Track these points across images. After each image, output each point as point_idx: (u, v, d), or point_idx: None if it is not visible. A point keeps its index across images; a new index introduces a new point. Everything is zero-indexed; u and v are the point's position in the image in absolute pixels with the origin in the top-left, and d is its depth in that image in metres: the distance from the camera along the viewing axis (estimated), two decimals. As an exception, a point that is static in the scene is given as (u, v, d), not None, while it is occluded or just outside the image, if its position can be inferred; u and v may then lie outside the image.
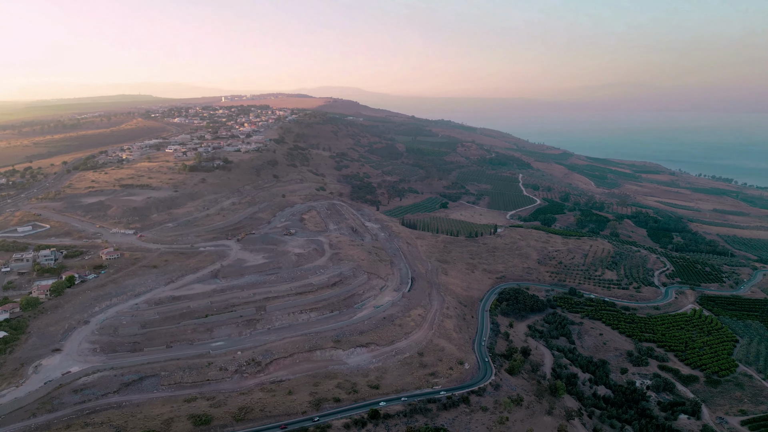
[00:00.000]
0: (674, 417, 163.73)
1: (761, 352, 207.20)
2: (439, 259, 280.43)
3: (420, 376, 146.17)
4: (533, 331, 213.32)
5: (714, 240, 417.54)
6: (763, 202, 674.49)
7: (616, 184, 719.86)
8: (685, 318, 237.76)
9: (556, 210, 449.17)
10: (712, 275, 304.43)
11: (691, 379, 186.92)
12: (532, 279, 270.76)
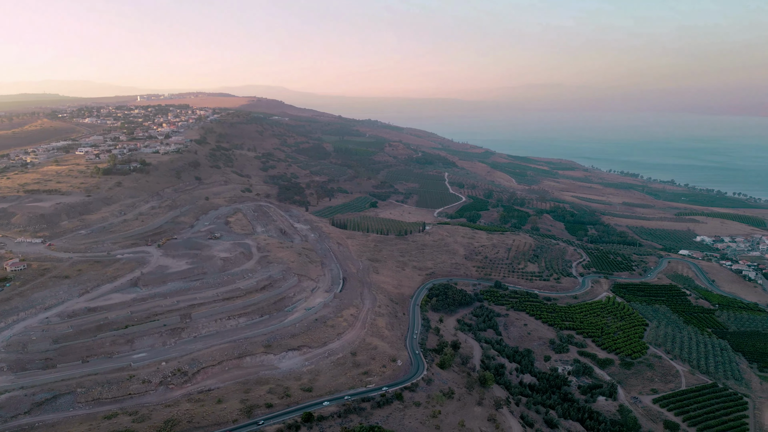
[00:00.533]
0: (593, 399, 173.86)
1: (668, 334, 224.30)
2: (370, 258, 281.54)
3: (353, 375, 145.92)
4: (462, 324, 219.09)
5: (624, 231, 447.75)
6: (665, 195, 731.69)
7: (535, 181, 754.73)
8: (600, 305, 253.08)
9: (480, 207, 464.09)
10: (623, 264, 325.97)
11: (608, 363, 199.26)
12: (460, 274, 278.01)
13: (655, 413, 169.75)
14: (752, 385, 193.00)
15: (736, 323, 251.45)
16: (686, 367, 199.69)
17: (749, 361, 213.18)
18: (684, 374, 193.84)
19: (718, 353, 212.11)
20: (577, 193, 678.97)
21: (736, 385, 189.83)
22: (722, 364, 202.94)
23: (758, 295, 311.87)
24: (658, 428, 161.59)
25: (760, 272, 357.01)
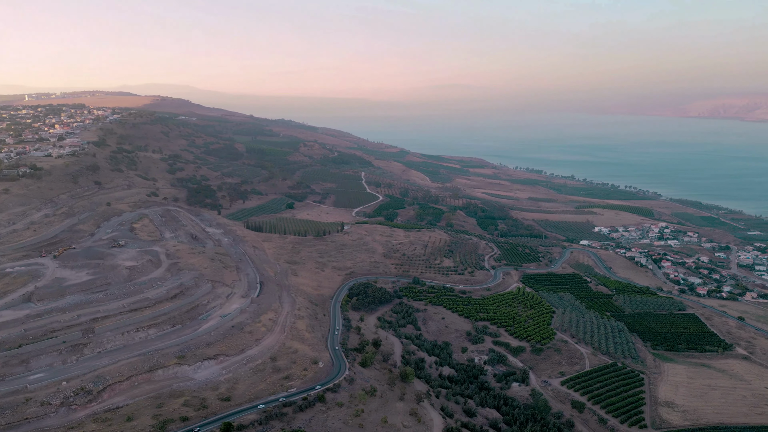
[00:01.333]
0: (508, 386, 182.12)
1: (573, 320, 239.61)
2: (288, 260, 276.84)
3: (274, 381, 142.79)
4: (383, 322, 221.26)
5: (531, 225, 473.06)
6: (567, 190, 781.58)
7: (448, 179, 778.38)
8: (512, 296, 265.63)
9: (397, 205, 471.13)
10: (531, 256, 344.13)
11: (520, 350, 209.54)
12: (380, 272, 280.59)
13: (563, 394, 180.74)
14: (647, 362, 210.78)
15: (632, 306, 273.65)
16: (589, 349, 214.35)
17: (644, 340, 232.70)
18: (588, 356, 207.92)
19: (617, 335, 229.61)
20: (487, 190, 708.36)
21: (633, 363, 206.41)
22: (620, 345, 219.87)
23: (649, 279, 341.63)
24: (566, 408, 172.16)
25: (650, 258, 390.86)
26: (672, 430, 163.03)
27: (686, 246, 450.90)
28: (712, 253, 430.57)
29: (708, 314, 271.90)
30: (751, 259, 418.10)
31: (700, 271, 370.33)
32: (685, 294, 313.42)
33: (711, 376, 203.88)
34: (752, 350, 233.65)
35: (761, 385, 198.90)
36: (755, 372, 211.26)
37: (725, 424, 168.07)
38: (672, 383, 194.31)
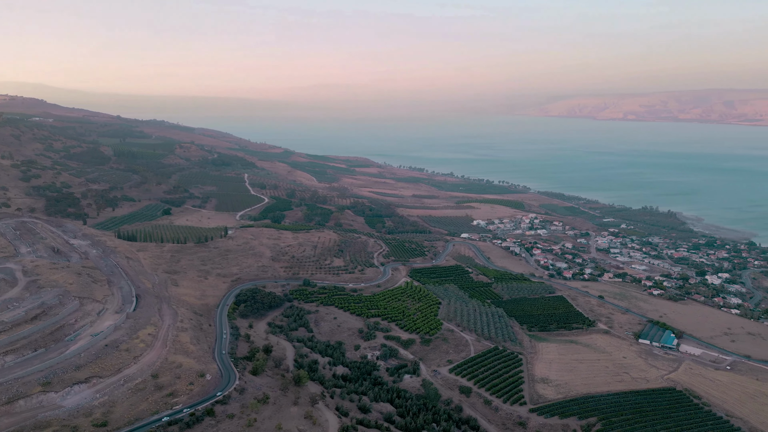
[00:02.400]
0: (400, 378, 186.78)
1: (458, 309, 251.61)
2: (167, 270, 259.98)
3: (157, 399, 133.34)
4: (273, 327, 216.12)
5: (416, 221, 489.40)
6: (447, 186, 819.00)
7: (335, 179, 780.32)
8: (401, 290, 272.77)
9: (284, 207, 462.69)
10: (417, 251, 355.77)
11: (410, 343, 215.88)
12: (268, 276, 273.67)
13: (451, 381, 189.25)
14: (524, 343, 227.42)
15: (509, 292, 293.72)
16: (473, 336, 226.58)
17: (520, 323, 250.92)
18: (472, 343, 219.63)
19: (497, 320, 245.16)
20: (373, 189, 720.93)
21: (512, 346, 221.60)
22: (501, 330, 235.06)
23: (523, 267, 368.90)
24: (455, 394, 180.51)
25: (522, 247, 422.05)
26: (547, 404, 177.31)
27: (553, 234, 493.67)
28: (575, 240, 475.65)
29: (574, 295, 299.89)
30: (607, 243, 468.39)
31: (565, 256, 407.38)
32: (554, 278, 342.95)
33: (578, 351, 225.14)
34: (611, 325, 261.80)
35: (620, 356, 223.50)
36: (614, 344, 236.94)
37: (592, 393, 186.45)
38: (546, 361, 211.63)
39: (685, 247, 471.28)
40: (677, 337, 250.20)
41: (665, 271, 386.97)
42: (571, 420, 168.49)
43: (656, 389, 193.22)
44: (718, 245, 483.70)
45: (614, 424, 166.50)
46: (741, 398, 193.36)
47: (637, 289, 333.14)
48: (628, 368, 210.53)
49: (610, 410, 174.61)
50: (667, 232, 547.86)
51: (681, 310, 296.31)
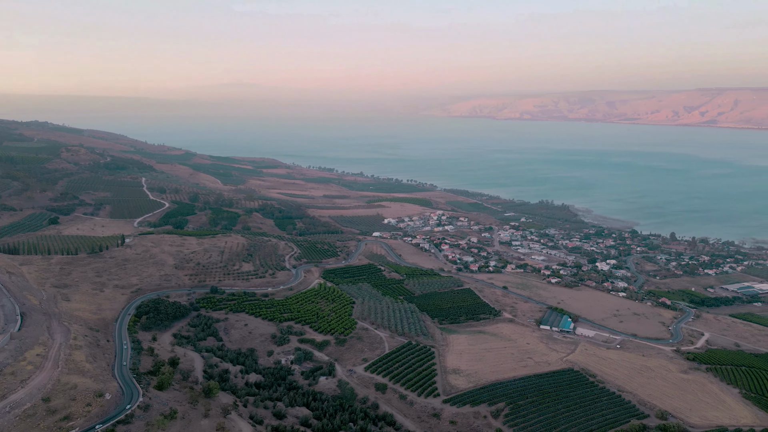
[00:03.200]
0: (316, 381, 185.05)
1: (372, 307, 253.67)
2: (56, 284, 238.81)
3: (49, 425, 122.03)
4: (180, 338, 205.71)
5: (328, 221, 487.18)
6: (357, 186, 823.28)
7: (241, 181, 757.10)
8: (314, 292, 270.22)
9: (187, 211, 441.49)
10: (329, 252, 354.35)
11: (325, 344, 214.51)
12: (172, 285, 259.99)
13: (367, 379, 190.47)
14: (436, 337, 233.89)
15: (420, 288, 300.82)
16: (387, 333, 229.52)
17: (432, 317, 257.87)
18: (386, 339, 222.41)
19: (410, 316, 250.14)
20: (282, 190, 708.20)
21: (425, 340, 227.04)
22: (413, 325, 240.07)
23: (432, 262, 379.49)
24: (371, 392, 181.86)
25: (432, 243, 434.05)
26: (459, 394, 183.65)
27: (460, 230, 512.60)
28: (480, 234, 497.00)
29: (480, 287, 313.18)
30: (509, 236, 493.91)
31: (471, 250, 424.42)
32: (461, 272, 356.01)
33: (486, 340, 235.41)
34: (515, 313, 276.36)
35: (524, 342, 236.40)
36: (519, 332, 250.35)
37: (500, 380, 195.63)
38: (457, 352, 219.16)
39: (577, 237, 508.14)
40: (573, 321, 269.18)
41: (561, 261, 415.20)
42: (482, 407, 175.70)
43: (557, 371, 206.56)
44: (606, 234, 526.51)
45: (521, 407, 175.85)
46: (630, 373, 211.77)
47: (537, 278, 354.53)
48: (532, 353, 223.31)
49: (516, 394, 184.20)
50: (562, 223, 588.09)
51: (576, 295, 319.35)
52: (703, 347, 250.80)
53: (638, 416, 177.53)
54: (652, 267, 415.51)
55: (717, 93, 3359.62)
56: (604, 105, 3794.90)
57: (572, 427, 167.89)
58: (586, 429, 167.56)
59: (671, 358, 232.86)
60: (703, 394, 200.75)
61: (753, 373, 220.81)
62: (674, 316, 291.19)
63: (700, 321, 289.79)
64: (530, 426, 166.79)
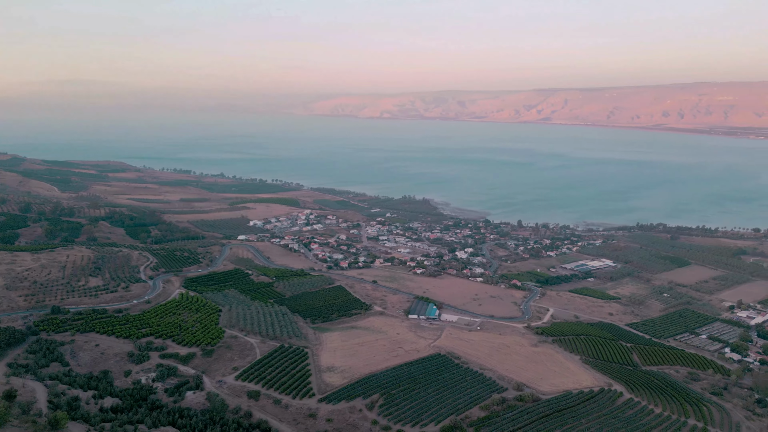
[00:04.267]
0: (182, 397, 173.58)
1: (240, 314, 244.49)
2: None
3: None
4: (16, 367, 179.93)
5: (187, 227, 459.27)
6: (218, 188, 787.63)
7: (83, 187, 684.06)
8: (175, 303, 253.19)
9: (17, 224, 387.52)
10: (191, 259, 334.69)
11: (191, 357, 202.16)
12: (4, 309, 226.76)
13: (239, 388, 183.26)
14: (309, 337, 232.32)
15: (291, 289, 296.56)
16: (258, 338, 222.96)
17: (304, 317, 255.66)
18: (257, 345, 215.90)
19: (281, 318, 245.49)
20: (133, 195, 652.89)
21: (298, 341, 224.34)
22: (285, 327, 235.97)
23: (302, 262, 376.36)
24: (243, 401, 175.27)
25: (301, 243, 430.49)
26: (335, 391, 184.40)
27: (328, 228, 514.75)
28: (348, 231, 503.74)
29: (351, 283, 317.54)
30: (376, 231, 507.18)
31: (341, 248, 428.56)
32: (332, 270, 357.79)
33: (359, 335, 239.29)
34: (385, 306, 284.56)
35: (394, 333, 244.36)
36: (389, 323, 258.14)
37: (373, 372, 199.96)
38: (330, 349, 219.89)
39: (438, 229, 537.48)
40: (438, 308, 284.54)
41: (425, 252, 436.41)
42: (357, 401, 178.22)
43: (426, 357, 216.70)
44: (463, 225, 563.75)
45: (394, 396, 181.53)
46: (489, 352, 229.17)
47: (404, 270, 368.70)
48: (402, 343, 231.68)
49: (389, 384, 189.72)
50: (424, 217, 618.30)
51: (439, 284, 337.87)
52: (549, 321, 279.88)
53: (498, 390, 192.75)
54: (503, 252, 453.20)
55: (550, 93, 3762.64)
56: (456, 104, 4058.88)
57: (442, 408, 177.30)
58: (453, 408, 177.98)
59: (523, 334, 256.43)
60: (551, 363, 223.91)
61: (590, 340, 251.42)
62: (524, 296, 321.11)
63: (546, 298, 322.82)
64: (403, 413, 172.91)
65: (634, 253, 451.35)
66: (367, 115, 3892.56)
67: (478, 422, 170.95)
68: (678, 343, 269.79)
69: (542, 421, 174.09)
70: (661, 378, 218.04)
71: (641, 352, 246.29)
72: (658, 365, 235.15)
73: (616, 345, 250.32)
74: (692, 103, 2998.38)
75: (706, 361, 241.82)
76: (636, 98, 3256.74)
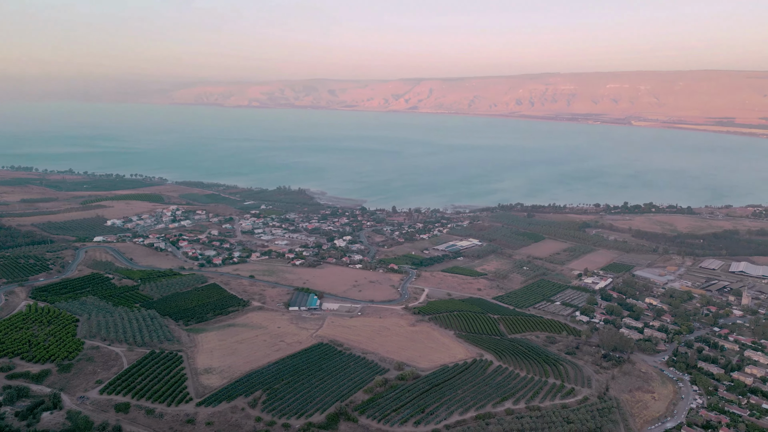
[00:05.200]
0: (36, 419, 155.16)
1: (101, 322, 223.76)
2: None
3: None
4: None
5: (31, 231, 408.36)
6: (67, 185, 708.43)
7: None
8: (22, 317, 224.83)
9: None
10: (38, 266, 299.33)
11: (45, 374, 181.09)
12: None
13: (104, 403, 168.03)
14: (182, 340, 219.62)
15: (159, 291, 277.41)
16: (125, 347, 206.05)
17: (176, 320, 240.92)
18: (124, 354, 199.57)
19: (150, 323, 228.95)
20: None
21: (170, 345, 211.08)
22: (155, 332, 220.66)
23: (171, 262, 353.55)
24: (111, 415, 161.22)
25: (168, 242, 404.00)
26: (214, 392, 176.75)
27: (198, 224, 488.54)
28: (221, 226, 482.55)
29: (226, 280, 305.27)
30: (251, 225, 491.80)
31: (213, 244, 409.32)
32: (204, 267, 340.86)
33: (237, 333, 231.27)
34: (264, 300, 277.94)
35: (275, 327, 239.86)
36: (269, 317, 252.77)
37: (255, 369, 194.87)
38: (207, 350, 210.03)
39: (316, 219, 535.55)
40: (319, 297, 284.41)
41: (303, 242, 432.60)
42: (239, 400, 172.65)
43: (308, 348, 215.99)
44: (340, 213, 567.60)
45: (277, 391, 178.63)
46: (371, 335, 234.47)
47: (282, 262, 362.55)
48: (283, 336, 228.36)
49: (272, 379, 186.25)
50: (301, 207, 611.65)
51: (319, 273, 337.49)
52: (425, 301, 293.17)
53: (380, 372, 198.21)
54: (380, 238, 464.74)
55: (416, 83, 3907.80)
56: (327, 93, 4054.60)
57: (327, 396, 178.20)
58: (338, 395, 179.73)
59: (402, 315, 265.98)
60: (429, 341, 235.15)
61: (462, 316, 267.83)
62: (401, 278, 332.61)
63: (421, 279, 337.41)
64: (288, 406, 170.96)
65: (497, 232, 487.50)
66: (235, 104, 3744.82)
67: (362, 405, 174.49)
68: (537, 311, 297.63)
69: (422, 397, 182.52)
70: (524, 344, 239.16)
71: (507, 322, 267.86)
72: (522, 333, 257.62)
73: (485, 318, 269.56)
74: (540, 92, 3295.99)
75: (560, 325, 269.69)
76: (493, 88, 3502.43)
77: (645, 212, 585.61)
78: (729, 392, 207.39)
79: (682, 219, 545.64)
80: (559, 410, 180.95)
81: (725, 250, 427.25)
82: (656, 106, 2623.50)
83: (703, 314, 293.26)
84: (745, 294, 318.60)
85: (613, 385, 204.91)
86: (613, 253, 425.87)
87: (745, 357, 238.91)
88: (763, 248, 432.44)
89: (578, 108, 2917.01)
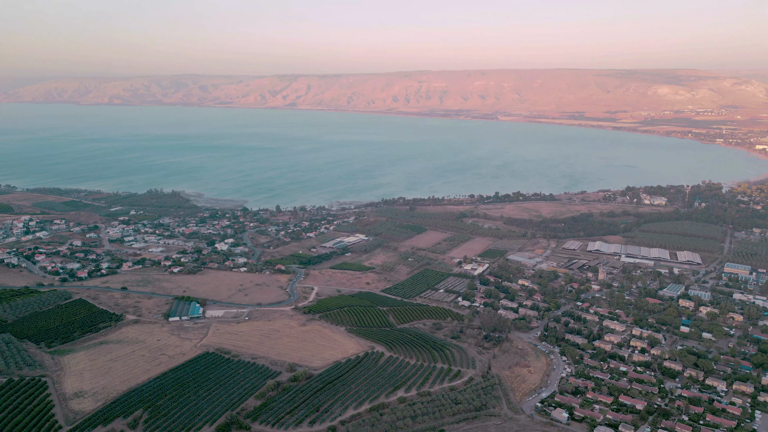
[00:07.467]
0: None
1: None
2: None
3: None
4: None
5: None
6: None
7: None
8: None
9: None
10: None
11: None
12: None
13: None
14: (46, 363, 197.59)
15: (15, 312, 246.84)
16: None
17: (37, 343, 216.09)
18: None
19: (6, 348, 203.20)
20: None
21: (31, 371, 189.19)
22: (12, 357, 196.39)
23: (26, 278, 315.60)
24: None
25: (21, 256, 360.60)
26: (86, 418, 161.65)
27: (57, 234, 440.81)
28: (84, 236, 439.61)
29: (94, 294, 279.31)
30: (119, 232, 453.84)
31: (76, 255, 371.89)
32: (67, 282, 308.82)
33: (111, 350, 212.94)
34: (140, 313, 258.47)
35: (154, 340, 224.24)
36: (146, 330, 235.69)
37: (133, 387, 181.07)
38: (76, 372, 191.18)
39: (193, 223, 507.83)
40: (202, 305, 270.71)
41: (181, 248, 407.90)
42: (117, 422, 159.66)
43: (193, 358, 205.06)
44: (220, 215, 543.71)
45: (161, 408, 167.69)
46: (260, 340, 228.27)
47: (159, 271, 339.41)
48: (164, 349, 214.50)
49: (154, 396, 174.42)
50: (176, 211, 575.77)
51: (200, 280, 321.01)
52: (315, 299, 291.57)
53: (272, 375, 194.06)
54: (265, 239, 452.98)
55: (293, 79, 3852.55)
56: (198, 89, 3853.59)
57: (215, 407, 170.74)
58: (228, 404, 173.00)
59: (292, 316, 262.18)
60: (321, 339, 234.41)
61: (352, 311, 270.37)
62: (289, 279, 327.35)
63: (310, 278, 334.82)
64: (173, 422, 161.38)
65: (382, 226, 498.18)
66: (93, 101, 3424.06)
67: (254, 412, 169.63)
68: (423, 299, 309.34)
69: (316, 396, 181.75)
70: (412, 333, 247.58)
71: (395, 313, 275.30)
72: (410, 322, 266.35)
73: (375, 310, 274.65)
74: (415, 89, 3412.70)
75: (445, 311, 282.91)
76: (370, 84, 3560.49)
77: (514, 200, 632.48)
78: (592, 359, 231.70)
79: (545, 205, 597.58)
80: (447, 393, 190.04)
81: (582, 232, 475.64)
82: (519, 101, 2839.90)
83: (567, 291, 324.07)
84: (600, 270, 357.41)
85: (494, 363, 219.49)
86: (488, 240, 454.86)
87: (604, 326, 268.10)
88: (614, 228, 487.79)
89: (450, 104, 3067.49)
